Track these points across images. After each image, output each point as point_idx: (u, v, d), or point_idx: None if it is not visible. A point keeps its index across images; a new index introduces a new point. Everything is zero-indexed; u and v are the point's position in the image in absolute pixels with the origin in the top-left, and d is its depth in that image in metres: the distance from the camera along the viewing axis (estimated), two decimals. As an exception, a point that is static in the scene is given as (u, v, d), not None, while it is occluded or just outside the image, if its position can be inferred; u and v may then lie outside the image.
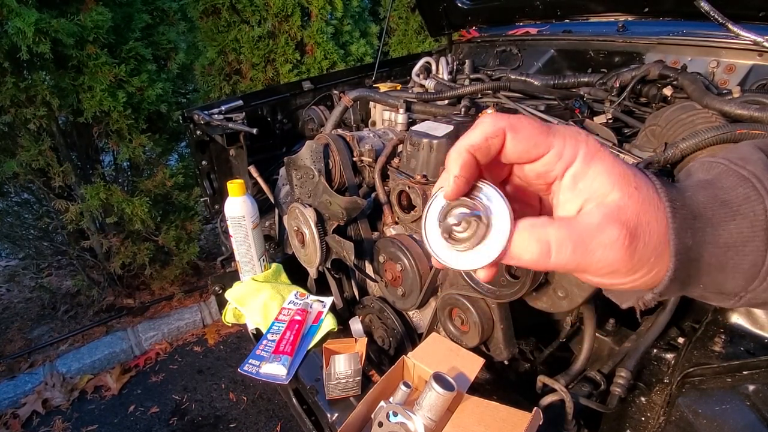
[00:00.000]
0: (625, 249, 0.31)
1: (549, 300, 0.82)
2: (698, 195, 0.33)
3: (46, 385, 2.30)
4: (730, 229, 0.32)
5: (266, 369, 1.02)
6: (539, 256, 0.31)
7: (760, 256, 0.31)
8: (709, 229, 0.32)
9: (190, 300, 2.94)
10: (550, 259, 0.31)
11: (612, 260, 0.31)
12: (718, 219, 0.32)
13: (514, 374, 1.08)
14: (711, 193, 0.33)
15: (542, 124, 0.32)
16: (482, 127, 0.32)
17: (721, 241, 0.32)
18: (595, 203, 0.31)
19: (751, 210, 0.31)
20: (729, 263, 0.32)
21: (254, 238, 1.26)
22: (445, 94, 1.38)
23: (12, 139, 2.29)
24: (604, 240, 0.30)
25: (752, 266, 0.32)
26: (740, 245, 0.32)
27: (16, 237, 2.69)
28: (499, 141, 0.32)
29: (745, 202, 0.32)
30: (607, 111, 1.20)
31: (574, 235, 0.31)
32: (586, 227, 0.31)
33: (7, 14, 1.87)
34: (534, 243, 0.31)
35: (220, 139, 1.60)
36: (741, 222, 0.31)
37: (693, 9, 1.11)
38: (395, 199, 1.14)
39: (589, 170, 0.31)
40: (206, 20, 3.09)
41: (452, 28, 2.09)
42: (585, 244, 0.31)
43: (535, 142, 0.32)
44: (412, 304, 1.11)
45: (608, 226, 0.30)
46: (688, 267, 0.32)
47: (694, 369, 0.66)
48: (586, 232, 0.31)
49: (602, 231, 0.31)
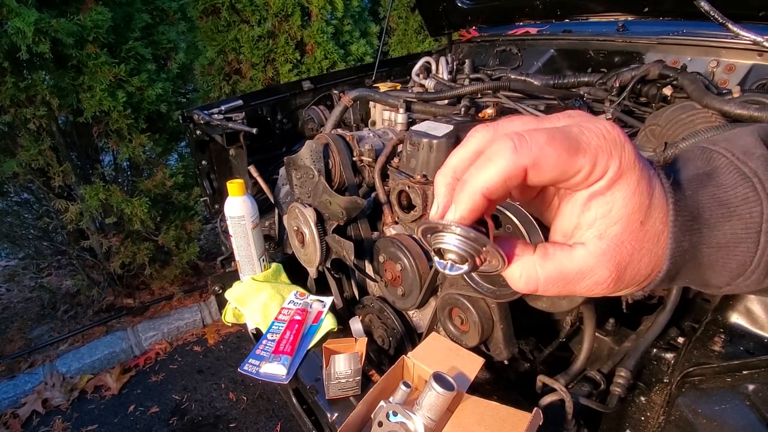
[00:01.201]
0: (607, 288, 0.32)
1: (549, 300, 0.82)
2: (698, 194, 0.32)
3: (45, 384, 2.30)
4: (725, 230, 0.32)
5: (266, 369, 1.02)
6: (526, 290, 0.33)
7: (749, 256, 0.32)
8: (706, 230, 0.32)
9: (190, 300, 2.94)
10: (537, 292, 0.33)
11: (593, 293, 0.32)
12: (715, 220, 0.32)
13: (514, 374, 1.08)
14: (710, 191, 0.32)
15: (570, 144, 0.27)
16: (500, 165, 0.27)
17: (714, 242, 0.32)
18: (596, 232, 0.31)
19: (748, 212, 0.31)
20: (718, 262, 0.32)
21: (254, 237, 1.26)
22: (445, 93, 1.38)
23: (12, 138, 2.29)
24: (590, 282, 0.31)
25: (740, 266, 0.32)
26: (732, 246, 0.32)
27: (15, 237, 2.69)
28: (518, 181, 0.28)
29: (743, 203, 0.31)
30: (607, 111, 1.20)
31: (563, 278, 0.31)
32: (578, 271, 0.31)
33: (7, 14, 1.87)
34: (523, 280, 0.32)
35: (219, 138, 1.60)
36: (736, 223, 0.31)
37: (693, 9, 1.11)
38: (395, 198, 1.14)
39: (609, 192, 0.29)
40: (206, 20, 3.08)
41: (452, 28, 2.09)
42: (572, 284, 0.32)
43: (562, 170, 0.28)
44: (411, 303, 1.11)
45: (599, 268, 0.30)
46: (679, 266, 0.32)
47: (693, 369, 0.66)
48: (575, 276, 0.31)
49: (593, 272, 0.31)
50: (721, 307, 0.78)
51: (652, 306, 0.97)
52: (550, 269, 0.31)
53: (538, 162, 0.27)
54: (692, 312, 0.94)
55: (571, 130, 0.28)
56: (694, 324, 0.89)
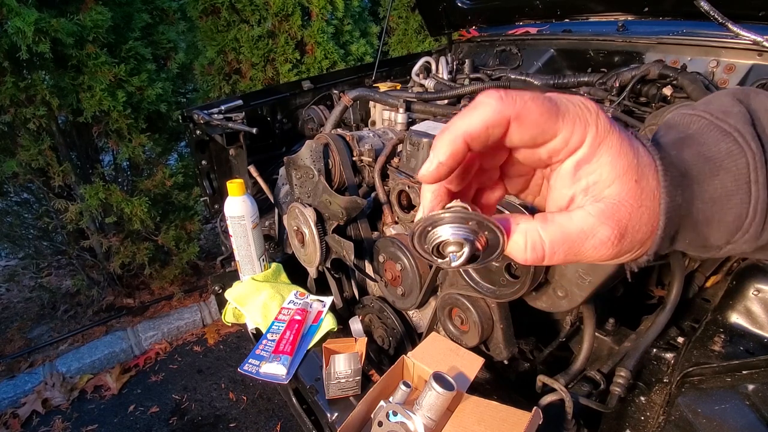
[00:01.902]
0: (612, 247, 0.31)
1: (549, 299, 0.82)
2: (683, 153, 0.33)
3: (45, 384, 2.30)
4: (714, 184, 0.32)
5: (266, 369, 1.02)
6: (533, 259, 0.32)
7: (744, 208, 0.32)
8: (696, 186, 0.32)
9: (189, 300, 2.94)
10: (543, 261, 0.32)
11: (600, 255, 0.32)
12: (703, 175, 0.32)
13: (514, 374, 1.08)
14: (695, 150, 0.33)
15: (551, 105, 0.29)
16: (484, 112, 0.29)
17: (706, 196, 0.32)
18: (591, 197, 0.32)
19: (734, 164, 0.32)
20: (714, 217, 0.33)
21: (254, 237, 1.26)
22: (445, 93, 1.38)
23: (12, 138, 2.29)
24: (595, 241, 0.31)
25: (736, 218, 0.33)
26: (725, 199, 0.32)
27: (15, 237, 2.69)
28: (501, 130, 0.29)
29: (728, 156, 0.32)
30: (607, 110, 1.20)
31: (567, 239, 0.31)
32: (580, 230, 0.31)
33: (7, 14, 1.87)
34: (529, 248, 0.32)
35: (219, 138, 1.60)
36: (725, 176, 0.32)
37: (693, 9, 1.11)
38: (395, 198, 1.14)
39: (593, 158, 0.31)
40: (206, 20, 3.08)
41: (452, 28, 2.09)
42: (577, 246, 0.31)
43: (542, 129, 0.30)
44: (411, 303, 1.11)
45: (601, 227, 0.31)
46: (677, 224, 0.33)
47: (693, 368, 0.66)
48: (578, 235, 0.31)
49: (595, 233, 0.31)
50: (721, 307, 0.78)
51: (652, 306, 0.97)
52: (553, 231, 0.31)
53: (520, 114, 0.28)
54: (692, 312, 0.94)
55: (552, 95, 0.30)
56: (694, 324, 0.89)
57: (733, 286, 0.79)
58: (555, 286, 0.80)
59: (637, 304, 1.04)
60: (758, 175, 0.32)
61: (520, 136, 0.30)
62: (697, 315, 0.92)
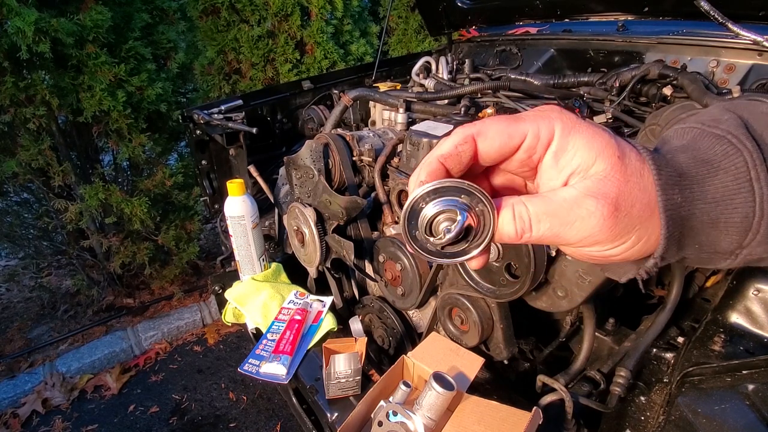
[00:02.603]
0: (604, 220, 0.31)
1: (549, 299, 0.82)
2: (678, 158, 0.33)
3: (45, 384, 2.30)
4: (715, 185, 0.32)
5: (266, 368, 1.02)
6: (520, 232, 0.32)
7: (750, 207, 0.32)
8: (696, 186, 0.32)
9: (189, 299, 2.94)
10: (530, 234, 0.32)
11: (591, 231, 0.31)
12: (701, 176, 0.32)
13: (514, 374, 1.08)
14: (690, 155, 0.33)
15: (509, 116, 0.33)
16: (452, 137, 0.33)
17: (709, 197, 0.32)
18: (579, 177, 0.32)
19: (732, 164, 0.32)
20: (720, 218, 0.32)
21: (254, 237, 1.26)
22: (445, 93, 1.38)
23: (12, 138, 2.28)
24: (581, 213, 0.31)
25: (744, 219, 0.32)
26: (728, 199, 0.32)
27: (15, 237, 2.69)
28: (469, 147, 0.33)
29: (725, 157, 0.32)
30: (607, 110, 1.20)
31: (551, 209, 0.32)
32: (563, 201, 0.32)
33: (7, 13, 1.87)
34: (516, 220, 0.32)
35: (219, 138, 1.60)
36: (724, 177, 0.32)
37: (693, 8, 1.11)
38: (395, 198, 1.14)
39: (569, 144, 0.32)
40: (206, 19, 3.08)
41: (452, 28, 2.09)
42: (561, 217, 0.31)
43: (508, 134, 0.32)
44: (411, 303, 1.11)
45: (586, 199, 0.31)
46: (680, 225, 0.32)
47: (693, 368, 0.66)
48: (562, 206, 0.31)
49: (579, 204, 0.31)
50: (721, 307, 0.78)
51: (652, 306, 0.97)
52: (537, 202, 0.32)
53: (481, 131, 0.33)
54: (692, 312, 0.94)
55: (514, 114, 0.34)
56: (694, 324, 0.89)
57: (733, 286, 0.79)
58: (555, 286, 0.80)
59: (637, 304, 1.04)
60: (759, 173, 0.32)
61: (488, 146, 0.33)
62: (697, 315, 0.92)
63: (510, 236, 0.32)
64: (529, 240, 0.32)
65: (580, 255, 0.35)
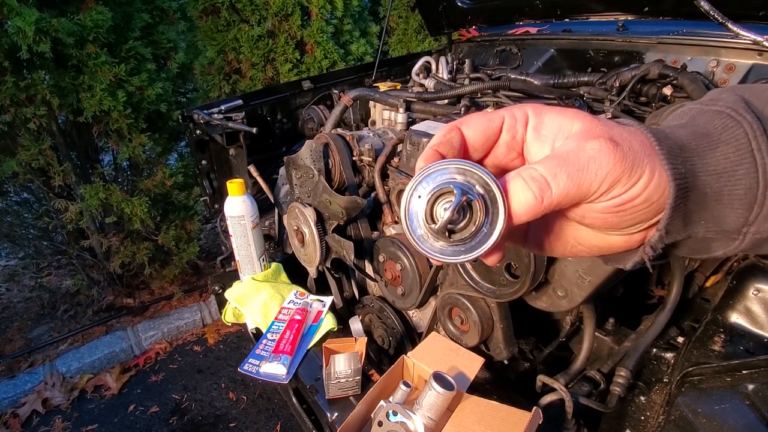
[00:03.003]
0: (613, 152, 0.30)
1: (549, 299, 0.82)
2: (677, 132, 0.33)
3: (45, 384, 2.30)
4: (716, 157, 0.32)
5: (266, 368, 1.02)
6: (540, 193, 0.30)
7: (753, 179, 0.31)
8: (697, 159, 0.32)
9: (189, 299, 2.94)
10: (551, 192, 0.30)
11: (607, 167, 0.30)
12: (702, 149, 0.32)
13: (514, 374, 1.08)
14: (690, 130, 0.34)
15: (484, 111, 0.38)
16: (440, 130, 0.36)
17: (710, 169, 0.32)
18: (563, 137, 0.33)
19: (733, 136, 0.32)
20: (724, 190, 0.32)
21: (254, 237, 1.26)
22: (445, 93, 1.38)
23: (12, 138, 2.29)
24: (589, 153, 0.30)
25: (748, 191, 0.32)
26: (731, 170, 0.32)
27: (15, 236, 2.69)
28: (456, 134, 0.35)
29: (724, 130, 0.32)
30: (607, 110, 1.20)
31: (562, 161, 0.31)
32: (568, 151, 0.31)
33: (8, 13, 1.87)
34: (529, 184, 0.30)
35: (219, 138, 1.60)
36: (725, 149, 0.32)
37: (693, 8, 1.11)
38: (395, 198, 1.14)
39: (544, 119, 0.34)
40: (206, 19, 3.08)
41: (452, 28, 2.09)
42: (575, 164, 0.30)
43: (487, 119, 0.35)
44: (411, 303, 1.11)
45: (586, 142, 0.31)
46: (686, 195, 0.32)
47: (693, 368, 0.66)
48: (570, 155, 0.31)
49: (583, 148, 0.31)
50: (721, 307, 0.78)
51: (652, 306, 0.97)
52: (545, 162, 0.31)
53: (463, 121, 0.36)
54: (692, 312, 0.94)
55: None
56: (694, 324, 0.89)
57: (733, 286, 0.79)
58: (555, 286, 0.80)
59: (637, 304, 1.04)
60: (759, 143, 0.31)
61: (473, 131, 0.35)
62: (697, 315, 0.92)
63: (529, 203, 0.30)
64: (551, 202, 0.30)
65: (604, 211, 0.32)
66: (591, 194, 0.31)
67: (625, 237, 0.35)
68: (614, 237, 0.36)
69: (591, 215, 0.33)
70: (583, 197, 0.31)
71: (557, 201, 0.30)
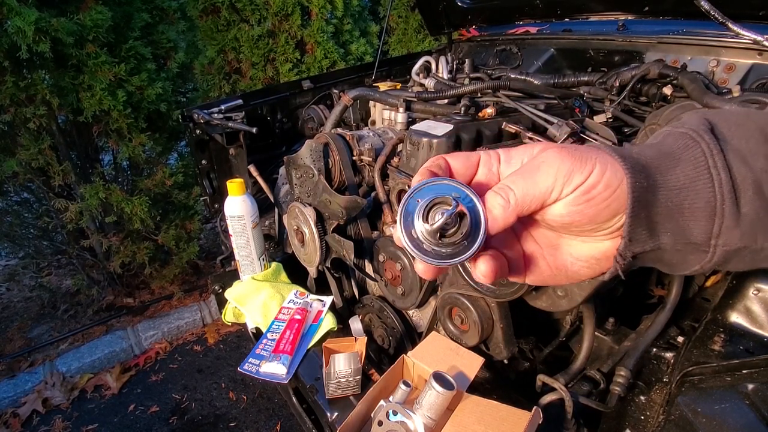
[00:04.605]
0: (559, 153, 0.36)
1: (548, 299, 0.82)
2: (644, 151, 0.38)
3: (46, 384, 2.30)
4: (677, 173, 0.36)
5: (266, 368, 1.02)
6: (506, 197, 0.36)
7: (711, 193, 0.35)
8: (659, 175, 0.36)
9: (189, 299, 2.94)
10: (514, 195, 0.36)
11: (555, 164, 0.36)
12: (665, 167, 0.37)
13: (514, 373, 1.08)
14: (656, 149, 0.38)
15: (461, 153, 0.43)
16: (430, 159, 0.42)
17: (671, 185, 0.36)
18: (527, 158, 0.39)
19: (692, 155, 0.36)
20: (685, 203, 0.36)
21: (254, 237, 1.26)
22: (445, 93, 1.37)
23: (12, 138, 2.29)
24: (540, 159, 0.37)
25: (707, 203, 0.35)
26: (690, 185, 0.36)
27: (15, 236, 2.69)
28: (443, 162, 0.40)
29: (685, 149, 0.37)
30: (607, 110, 1.20)
31: (519, 171, 0.37)
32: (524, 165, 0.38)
33: (7, 13, 1.87)
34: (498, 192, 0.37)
35: (219, 138, 1.60)
36: (685, 166, 0.36)
37: (693, 8, 1.11)
38: (395, 198, 1.14)
39: (512, 153, 0.40)
40: (206, 19, 3.08)
41: (452, 27, 2.09)
42: (528, 170, 0.37)
43: (467, 155, 0.41)
44: (411, 303, 1.11)
45: (539, 154, 0.38)
46: (646, 207, 0.36)
47: (693, 368, 0.66)
48: (525, 166, 0.38)
49: (535, 158, 0.37)
50: (721, 307, 0.78)
51: (652, 305, 0.97)
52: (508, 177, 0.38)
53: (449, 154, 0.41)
54: (692, 311, 0.94)
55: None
56: (694, 323, 0.89)
57: (733, 286, 0.79)
58: (555, 286, 0.80)
59: (637, 303, 1.04)
60: (716, 161, 0.36)
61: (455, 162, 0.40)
62: (697, 314, 0.92)
63: (502, 205, 0.36)
64: (516, 202, 0.36)
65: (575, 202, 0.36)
66: (550, 189, 0.36)
67: (614, 242, 0.38)
68: (604, 243, 0.39)
69: (568, 209, 0.37)
70: (544, 193, 0.36)
71: (521, 200, 0.36)
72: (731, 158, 0.36)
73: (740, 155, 0.36)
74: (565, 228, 0.39)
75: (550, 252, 0.42)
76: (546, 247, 0.42)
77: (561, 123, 1.05)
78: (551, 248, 0.42)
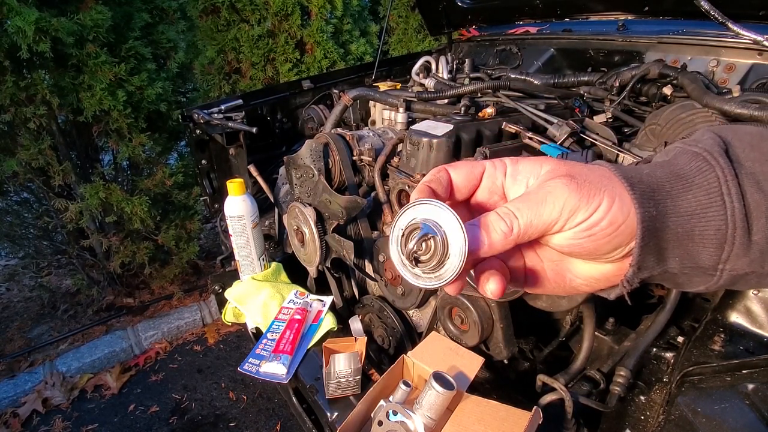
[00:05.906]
0: (567, 186, 0.35)
1: (548, 299, 0.82)
2: (656, 172, 0.37)
3: (46, 384, 2.30)
4: (688, 199, 0.35)
5: (266, 368, 1.02)
6: (509, 223, 0.35)
7: (722, 220, 0.34)
8: (669, 201, 0.35)
9: (189, 299, 2.94)
10: (518, 222, 0.35)
11: (562, 197, 0.35)
12: (676, 191, 0.35)
13: (514, 373, 1.08)
14: (668, 170, 0.37)
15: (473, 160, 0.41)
16: (433, 170, 0.41)
17: (682, 210, 0.35)
18: (534, 179, 0.38)
19: (705, 180, 0.35)
20: (695, 230, 0.35)
21: (254, 237, 1.26)
22: (445, 93, 1.37)
23: (12, 138, 2.28)
24: (547, 189, 0.35)
25: (717, 231, 0.34)
26: (701, 212, 0.35)
27: (15, 236, 2.69)
28: (444, 174, 0.40)
29: (698, 173, 0.35)
30: (607, 110, 1.20)
31: (525, 198, 0.36)
32: (531, 191, 0.37)
33: (8, 13, 1.87)
34: (503, 217, 0.36)
35: (219, 138, 1.60)
36: (697, 192, 0.35)
37: (693, 8, 1.11)
38: (395, 198, 1.14)
39: (519, 167, 0.39)
40: (206, 19, 3.08)
41: (452, 27, 2.09)
42: (535, 199, 0.36)
43: (471, 165, 0.40)
44: (411, 303, 1.11)
45: (546, 182, 0.36)
46: (656, 235, 0.35)
47: (693, 368, 0.66)
48: (531, 193, 0.36)
49: (543, 186, 0.36)
50: (721, 307, 0.78)
51: (652, 305, 0.97)
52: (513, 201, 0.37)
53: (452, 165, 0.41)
54: (692, 311, 0.94)
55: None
56: (694, 323, 0.89)
57: (733, 286, 0.79)
58: (555, 286, 0.80)
59: (637, 303, 1.04)
60: (729, 188, 0.34)
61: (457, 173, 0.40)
62: (697, 315, 0.92)
63: (504, 231, 0.35)
64: (519, 230, 0.35)
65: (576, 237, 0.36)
66: (553, 222, 0.35)
67: (616, 265, 0.38)
68: (605, 265, 0.38)
69: (567, 242, 0.36)
70: (547, 225, 0.35)
71: (524, 230, 0.35)
72: (745, 183, 0.35)
73: (755, 179, 0.35)
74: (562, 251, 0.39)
75: (550, 266, 0.42)
76: (547, 260, 0.42)
77: (561, 123, 1.05)
78: (552, 262, 0.42)
